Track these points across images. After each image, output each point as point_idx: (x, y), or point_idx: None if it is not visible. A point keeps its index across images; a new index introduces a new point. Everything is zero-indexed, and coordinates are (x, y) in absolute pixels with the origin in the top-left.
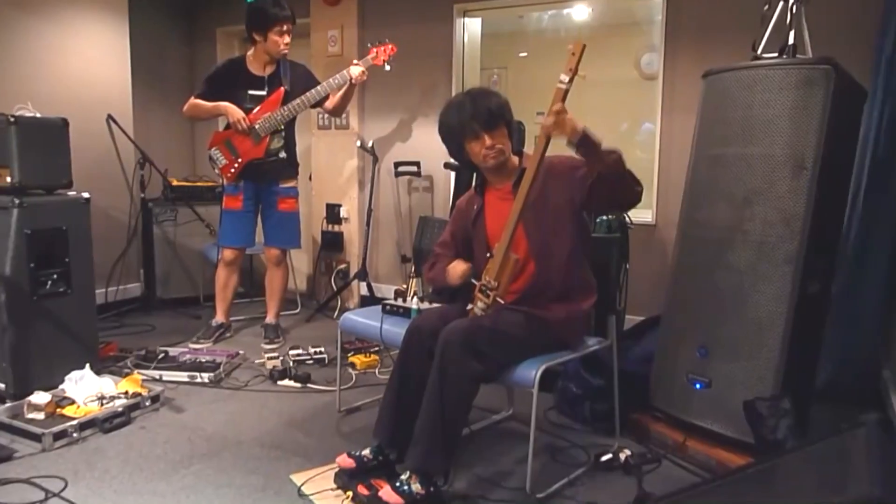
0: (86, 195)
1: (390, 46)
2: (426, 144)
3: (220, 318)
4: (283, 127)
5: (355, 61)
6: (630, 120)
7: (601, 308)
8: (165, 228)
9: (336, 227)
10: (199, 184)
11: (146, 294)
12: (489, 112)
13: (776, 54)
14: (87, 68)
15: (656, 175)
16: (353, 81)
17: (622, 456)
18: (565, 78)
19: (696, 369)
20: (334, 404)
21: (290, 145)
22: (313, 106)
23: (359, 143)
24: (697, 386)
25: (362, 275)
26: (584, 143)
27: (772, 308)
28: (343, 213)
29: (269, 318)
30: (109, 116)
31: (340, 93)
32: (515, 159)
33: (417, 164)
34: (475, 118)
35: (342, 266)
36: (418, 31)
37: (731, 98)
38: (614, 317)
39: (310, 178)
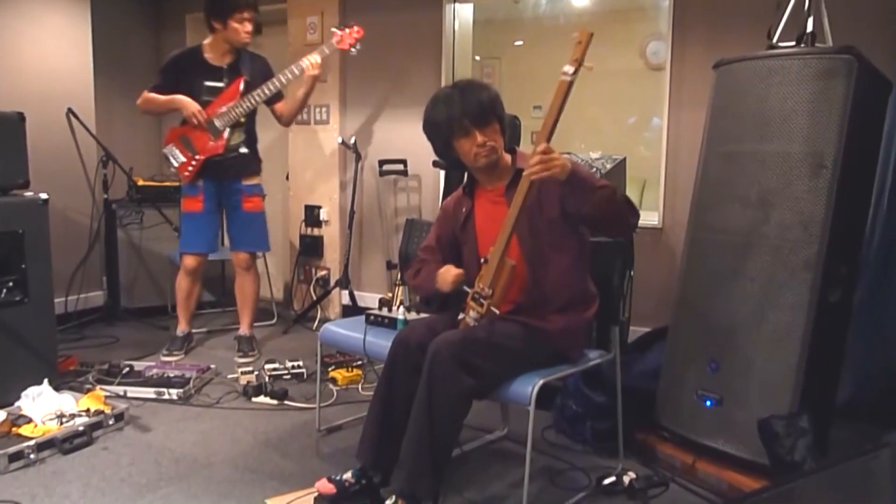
0: (44, 196)
1: (356, 29)
2: (413, 141)
3: (184, 327)
4: (243, 120)
5: (315, 53)
6: (634, 114)
7: (603, 318)
8: (130, 232)
9: (315, 231)
10: (166, 184)
11: (109, 303)
12: (480, 106)
13: (793, 43)
14: (45, 58)
15: (663, 174)
16: (308, 75)
17: (626, 479)
18: (570, 69)
19: (706, 385)
20: (313, 423)
21: (251, 139)
22: (267, 103)
23: (340, 140)
24: (708, 403)
25: (344, 282)
26: (571, 182)
27: (789, 318)
28: (323, 215)
29: (243, 330)
30: (69, 110)
31: (300, 93)
32: (508, 158)
33: (404, 162)
34: (464, 113)
35: (322, 273)
36: (405, 17)
37: (744, 90)
38: (617, 328)
39: (287, 178)
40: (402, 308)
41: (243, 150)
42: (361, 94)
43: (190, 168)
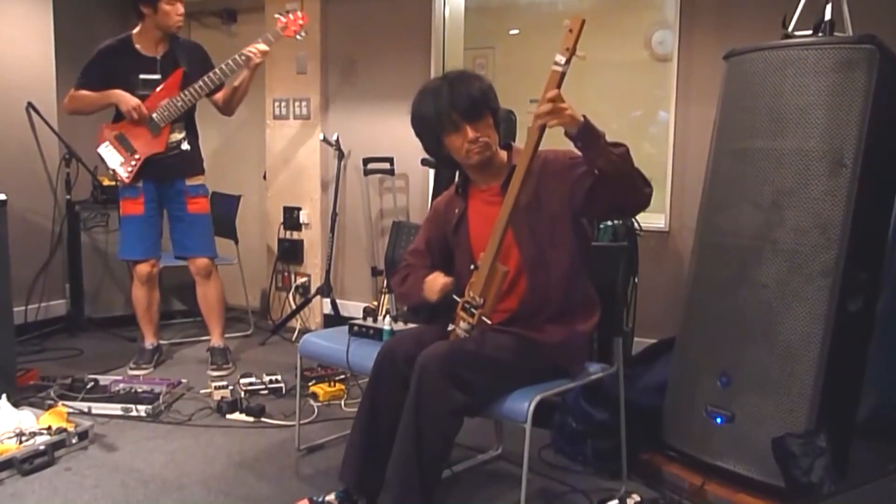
0: (1, 196)
1: (300, 14)
2: (400, 138)
3: (151, 340)
4: (182, 113)
5: (260, 39)
6: (639, 108)
7: (605, 329)
8: (95, 236)
9: (295, 235)
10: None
11: (72, 313)
12: (471, 99)
13: (810, 31)
14: (3, 49)
15: (670, 173)
16: (251, 64)
17: (630, 502)
18: (561, 59)
19: (716, 401)
20: (293, 442)
21: (192, 135)
22: (211, 93)
23: (322, 136)
24: (718, 420)
25: (326, 290)
26: (584, 134)
27: (805, 329)
28: (303, 217)
29: (215, 341)
30: (29, 105)
31: (236, 81)
32: (503, 154)
33: (390, 160)
34: (454, 106)
35: (302, 280)
36: (391, 4)
37: (757, 83)
38: (621, 339)
39: (264, 177)
40: (388, 318)
41: (185, 146)
42: (345, 87)
43: (129, 169)
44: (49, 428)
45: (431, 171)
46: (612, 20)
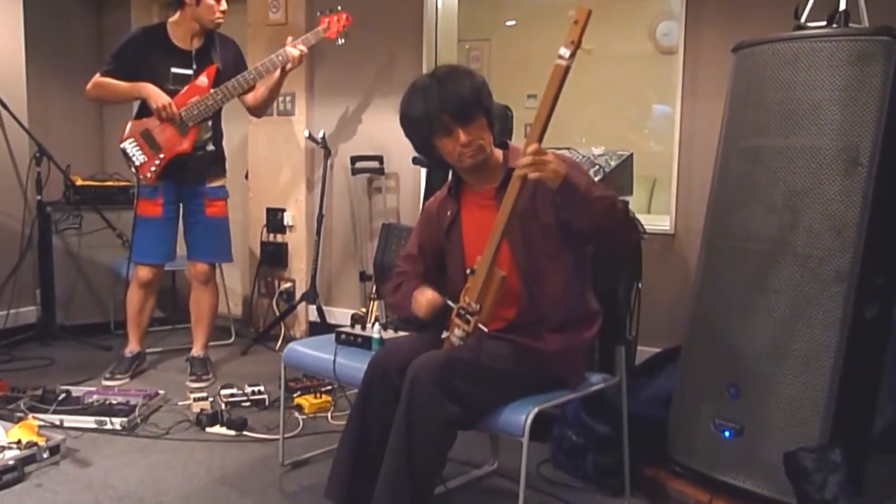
0: None
1: (345, 16)
2: (390, 135)
3: (134, 346)
4: (211, 112)
5: (291, 39)
6: (642, 104)
7: (607, 337)
8: (68, 239)
9: (279, 237)
10: (109, 184)
11: (43, 320)
12: (461, 99)
13: (824, 23)
14: None
15: (675, 172)
16: (288, 67)
17: None
18: (566, 52)
19: (724, 413)
20: (276, 456)
21: (218, 136)
22: (245, 92)
23: (307, 133)
24: (727, 434)
25: (311, 296)
26: (565, 191)
27: (819, 337)
28: (287, 219)
29: (197, 351)
30: None
31: (269, 83)
32: (499, 154)
33: (379, 158)
34: (444, 108)
35: (286, 285)
36: None
37: (768, 77)
38: (623, 348)
39: (245, 177)
40: (377, 325)
41: (210, 147)
42: (332, 81)
43: (153, 168)
44: (19, 442)
45: (423, 171)
46: (614, 10)
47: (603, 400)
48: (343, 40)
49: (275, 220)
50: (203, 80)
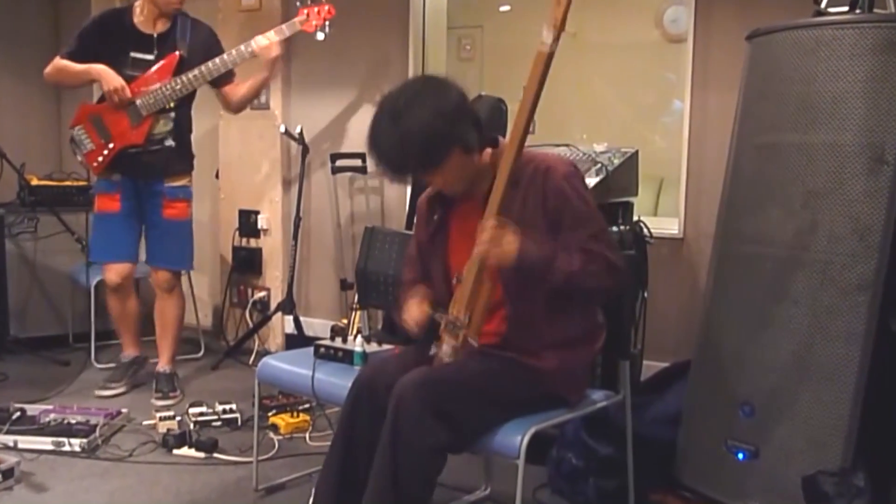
0: None
1: (327, 8)
2: None
3: (130, 351)
4: (172, 104)
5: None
6: (649, 97)
7: (610, 352)
8: (22, 243)
9: (252, 242)
10: (67, 184)
11: None
12: (416, 156)
13: (846, 8)
14: None
15: (685, 171)
16: (265, 61)
17: None
18: (549, 37)
19: (737, 434)
20: (250, 480)
21: (181, 130)
22: (213, 85)
23: (283, 129)
24: (740, 456)
25: (287, 306)
26: (519, 272)
27: (840, 351)
28: (262, 222)
29: (162, 365)
30: None
31: (252, 81)
32: (487, 153)
33: (362, 156)
34: (402, 165)
35: (261, 294)
36: None
37: (785, 67)
38: (628, 363)
39: (216, 176)
40: (359, 338)
41: (169, 142)
42: (310, 72)
43: (100, 158)
44: None
45: None
46: None
47: (605, 419)
48: (323, 35)
49: (248, 223)
50: (164, 66)
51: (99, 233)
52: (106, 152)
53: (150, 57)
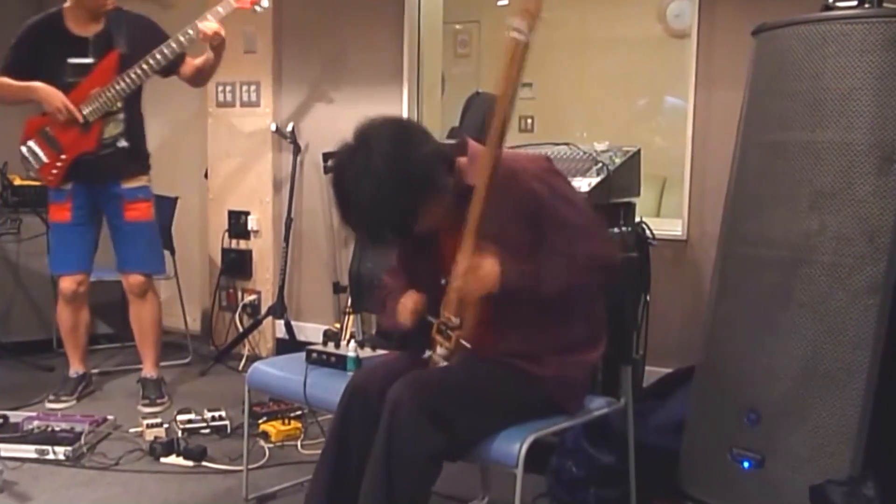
0: None
1: None
2: None
3: (77, 367)
4: (119, 105)
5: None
6: (651, 94)
7: (611, 357)
8: (5, 245)
9: (242, 244)
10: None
11: None
12: (393, 229)
13: (855, 2)
14: None
15: (688, 171)
16: (204, 41)
17: None
18: (521, 24)
19: (743, 442)
20: (240, 490)
21: (133, 130)
22: (164, 73)
23: (274, 127)
24: (746, 464)
25: (278, 310)
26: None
27: (849, 357)
28: (252, 223)
29: (147, 371)
30: None
31: (200, 59)
32: (461, 162)
33: None
34: (382, 234)
35: (251, 298)
36: None
37: (792, 63)
38: (630, 369)
39: (205, 175)
40: (352, 343)
41: (122, 143)
42: (301, 69)
43: (55, 171)
44: None
45: None
46: None
47: (607, 427)
48: (261, 8)
49: (237, 224)
50: (104, 68)
51: (55, 243)
52: (60, 164)
53: (88, 61)
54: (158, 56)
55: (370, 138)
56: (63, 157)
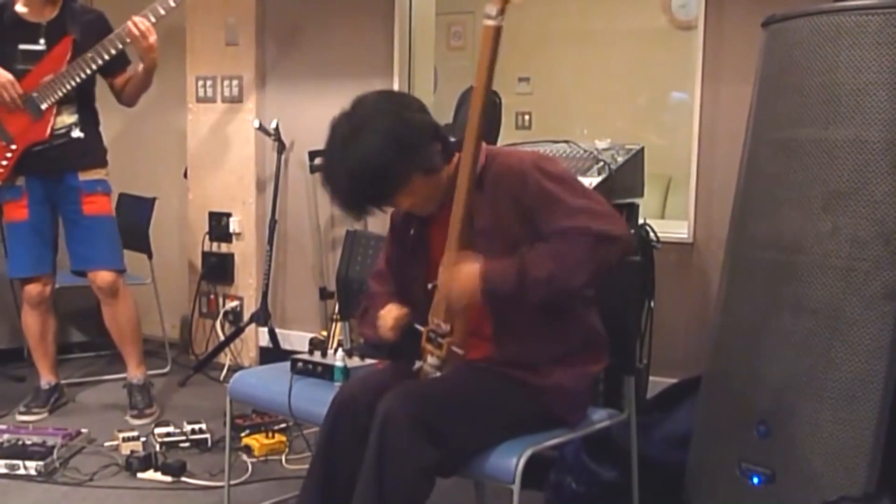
0: None
1: None
2: None
3: (48, 377)
4: (73, 90)
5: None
6: (655, 89)
7: (614, 367)
8: None
9: (224, 247)
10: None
11: None
12: (371, 188)
13: None
14: None
15: (694, 170)
16: (139, 47)
17: None
18: (492, 10)
19: (752, 455)
20: None
21: (87, 120)
22: (104, 74)
23: (257, 124)
24: (755, 480)
25: (262, 317)
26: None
27: (864, 366)
28: (234, 225)
29: (132, 374)
30: None
31: (138, 69)
32: (453, 162)
33: None
34: (354, 202)
35: (233, 304)
36: None
37: (804, 57)
38: (633, 379)
39: (184, 175)
40: (340, 352)
41: (76, 133)
42: (286, 62)
43: (4, 162)
44: None
45: None
46: None
47: (608, 440)
48: None
49: (219, 226)
50: (57, 53)
51: (12, 245)
52: (10, 155)
53: (40, 47)
54: (104, 48)
55: (365, 99)
56: (13, 147)
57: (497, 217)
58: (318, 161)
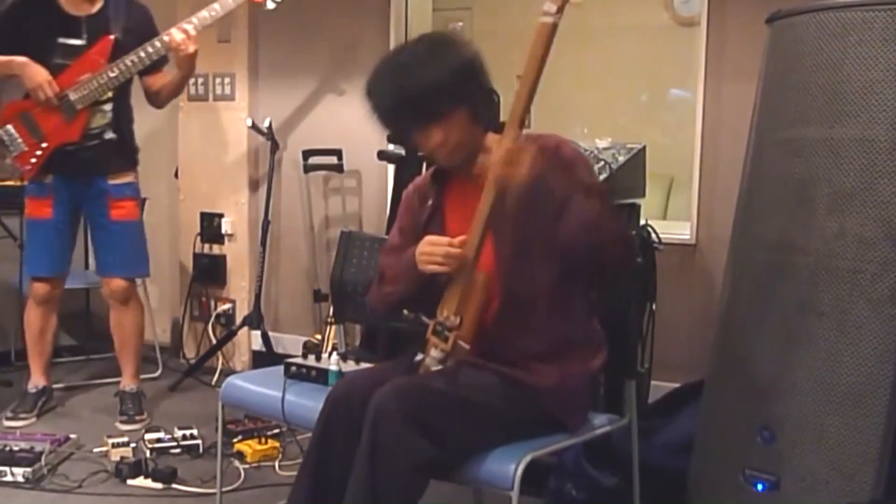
0: None
1: None
2: (350, 125)
3: (39, 380)
4: (109, 94)
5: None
6: (657, 87)
7: (615, 370)
8: None
9: (216, 249)
10: (7, 183)
11: None
12: (422, 100)
13: None
14: None
15: (697, 170)
16: (177, 55)
17: None
18: (552, 7)
19: (756, 462)
20: None
21: (121, 122)
22: (140, 73)
23: (250, 123)
24: (760, 487)
25: (255, 320)
26: (534, 197)
27: (871, 370)
28: (226, 226)
29: (126, 383)
30: None
31: (174, 75)
32: (491, 139)
33: (338, 153)
34: (402, 111)
35: (225, 307)
36: None
37: (810, 54)
38: (634, 383)
39: (175, 175)
40: (335, 356)
41: (109, 135)
42: (280, 60)
43: (33, 160)
44: None
45: (391, 167)
46: None
47: (609, 446)
48: (274, 3)
49: (211, 227)
50: (97, 52)
51: (32, 242)
52: (39, 153)
53: (80, 42)
54: (146, 53)
55: (420, 36)
56: (44, 145)
57: (535, 203)
58: (312, 161)
